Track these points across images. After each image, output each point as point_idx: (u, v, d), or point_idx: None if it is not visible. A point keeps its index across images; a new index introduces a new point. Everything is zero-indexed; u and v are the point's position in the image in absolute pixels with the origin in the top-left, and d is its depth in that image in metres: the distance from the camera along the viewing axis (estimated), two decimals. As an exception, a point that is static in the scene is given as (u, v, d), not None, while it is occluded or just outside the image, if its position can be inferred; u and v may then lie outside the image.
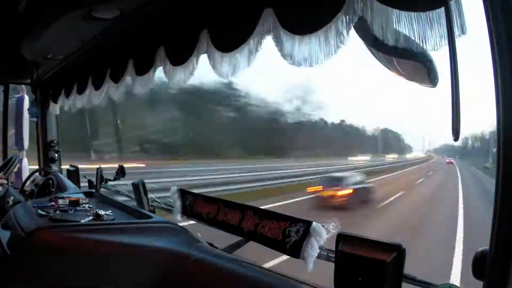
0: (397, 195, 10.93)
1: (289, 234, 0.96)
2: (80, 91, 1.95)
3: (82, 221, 1.26)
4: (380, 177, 14.94)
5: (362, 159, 23.07)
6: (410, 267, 0.77)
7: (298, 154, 20.22)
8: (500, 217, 0.60)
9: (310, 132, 23.54)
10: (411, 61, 0.76)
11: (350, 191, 9.17)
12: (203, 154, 16.72)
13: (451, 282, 0.75)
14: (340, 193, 9.01)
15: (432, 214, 8.64)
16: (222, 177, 11.47)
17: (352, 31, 0.79)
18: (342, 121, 27.42)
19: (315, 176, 12.07)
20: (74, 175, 2.23)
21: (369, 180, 11.33)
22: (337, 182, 9.42)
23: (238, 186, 10.30)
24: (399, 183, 13.91)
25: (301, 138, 22.04)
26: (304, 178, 12.89)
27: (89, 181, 2.03)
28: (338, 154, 22.94)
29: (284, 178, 12.84)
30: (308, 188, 10.04)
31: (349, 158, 22.28)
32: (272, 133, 20.89)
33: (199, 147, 17.41)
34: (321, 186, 9.50)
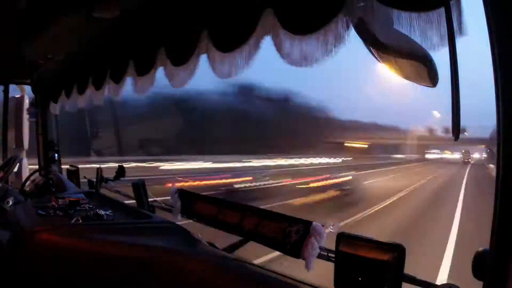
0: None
1: (289, 234, 0.96)
2: (80, 91, 1.95)
3: (82, 221, 1.26)
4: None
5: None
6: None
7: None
8: (500, 217, 0.60)
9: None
10: (411, 61, 0.76)
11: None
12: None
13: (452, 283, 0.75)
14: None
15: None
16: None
17: (352, 31, 0.79)
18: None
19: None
20: (74, 175, 2.23)
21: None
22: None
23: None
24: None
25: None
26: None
27: (89, 181, 2.03)
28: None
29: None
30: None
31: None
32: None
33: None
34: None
